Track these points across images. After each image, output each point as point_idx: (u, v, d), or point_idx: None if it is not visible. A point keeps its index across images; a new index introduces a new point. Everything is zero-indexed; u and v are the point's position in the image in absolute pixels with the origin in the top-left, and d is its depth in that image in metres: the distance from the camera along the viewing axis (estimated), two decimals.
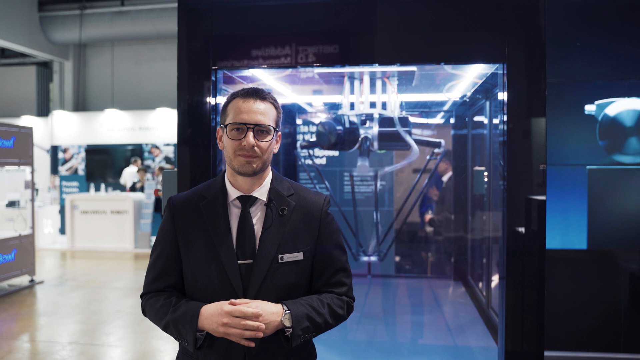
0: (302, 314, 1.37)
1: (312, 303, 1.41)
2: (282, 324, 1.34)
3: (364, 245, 3.82)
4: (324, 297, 1.44)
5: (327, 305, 1.43)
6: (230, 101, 1.44)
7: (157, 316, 1.42)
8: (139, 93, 12.49)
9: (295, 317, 1.35)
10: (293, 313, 1.36)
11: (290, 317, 1.35)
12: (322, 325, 1.41)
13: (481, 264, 4.05)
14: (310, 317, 1.38)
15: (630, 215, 3.56)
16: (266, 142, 1.41)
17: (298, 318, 1.36)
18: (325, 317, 1.41)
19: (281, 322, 1.34)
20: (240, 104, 1.41)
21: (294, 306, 1.38)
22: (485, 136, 3.75)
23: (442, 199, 4.71)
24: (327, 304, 1.43)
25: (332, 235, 1.49)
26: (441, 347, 3.39)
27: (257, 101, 1.41)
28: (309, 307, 1.39)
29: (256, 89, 1.44)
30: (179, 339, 1.40)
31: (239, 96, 1.43)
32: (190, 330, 1.35)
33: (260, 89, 1.44)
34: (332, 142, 3.14)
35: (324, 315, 1.41)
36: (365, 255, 3.71)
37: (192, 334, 1.35)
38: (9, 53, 13.17)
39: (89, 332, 4.85)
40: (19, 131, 6.66)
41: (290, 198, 1.47)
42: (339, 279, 1.48)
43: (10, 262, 6.50)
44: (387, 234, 4.00)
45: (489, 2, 2.27)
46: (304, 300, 1.41)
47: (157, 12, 10.91)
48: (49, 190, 11.42)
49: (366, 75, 3.04)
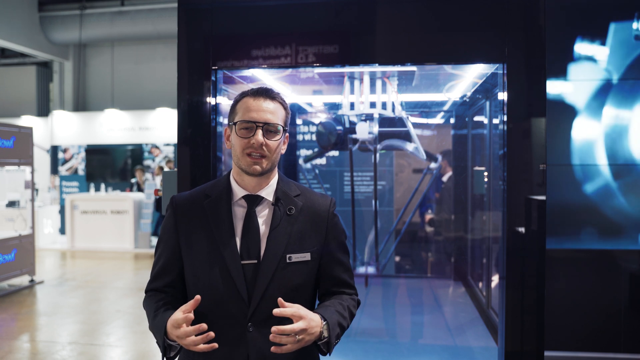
0: (335, 322, 1.38)
1: (338, 309, 1.42)
2: (322, 334, 1.34)
3: (362, 251, 3.80)
4: (344, 300, 1.46)
5: (347, 308, 1.45)
6: (240, 100, 1.44)
7: (148, 317, 1.46)
8: (139, 93, 12.48)
9: (332, 326, 1.36)
10: (330, 322, 1.36)
11: (328, 326, 1.35)
12: (345, 328, 1.43)
13: (481, 264, 4.05)
14: (341, 324, 1.40)
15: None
16: (275, 142, 1.40)
17: (334, 326, 1.36)
18: (348, 320, 1.44)
19: (321, 333, 1.34)
20: (250, 103, 1.40)
21: (328, 314, 1.38)
22: (485, 136, 3.75)
23: (442, 198, 4.71)
24: (347, 307, 1.45)
25: (339, 236, 1.50)
26: (441, 347, 3.39)
27: (267, 100, 1.41)
28: (337, 314, 1.40)
29: (266, 88, 1.44)
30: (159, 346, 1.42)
31: (248, 95, 1.43)
32: (160, 339, 1.37)
33: (270, 89, 1.44)
34: (332, 142, 3.14)
35: (347, 319, 1.43)
36: (362, 266, 3.68)
37: (162, 344, 1.37)
38: (9, 53, 13.17)
39: (89, 332, 4.85)
40: (19, 131, 6.66)
41: (297, 198, 1.46)
42: (347, 280, 1.50)
43: (10, 262, 6.50)
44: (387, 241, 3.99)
45: (489, 2, 2.27)
46: (332, 307, 1.42)
47: (157, 12, 10.91)
48: (49, 190, 11.41)
49: (366, 75, 3.04)
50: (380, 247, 3.74)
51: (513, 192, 2.23)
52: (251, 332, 1.37)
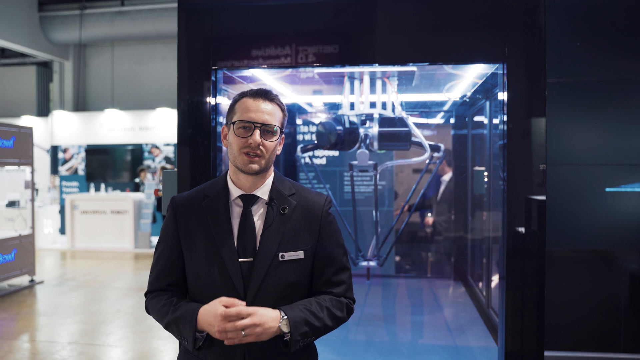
0: (300, 319, 1.37)
1: (310, 307, 1.41)
2: (280, 329, 1.34)
3: (363, 249, 3.81)
4: (322, 300, 1.44)
5: (325, 308, 1.43)
6: (238, 100, 1.46)
7: (159, 315, 1.45)
8: (139, 93, 12.49)
9: (293, 322, 1.35)
10: (291, 318, 1.36)
11: (288, 322, 1.35)
12: (321, 329, 1.41)
13: (481, 264, 4.05)
14: (309, 322, 1.38)
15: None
16: (272, 142, 1.43)
17: (296, 323, 1.36)
18: (324, 320, 1.41)
19: (279, 328, 1.34)
20: (248, 103, 1.43)
21: (292, 311, 1.38)
22: (485, 136, 3.76)
23: (443, 198, 4.71)
24: (325, 307, 1.43)
25: (333, 235, 1.50)
26: (441, 347, 3.39)
27: (265, 101, 1.44)
28: (307, 312, 1.39)
29: (265, 89, 1.46)
30: (180, 338, 1.42)
31: (247, 95, 1.45)
32: (190, 330, 1.37)
33: (269, 90, 1.47)
34: (332, 142, 3.14)
35: (322, 319, 1.41)
36: (364, 260, 3.70)
37: (192, 334, 1.36)
38: (9, 53, 13.17)
39: (89, 332, 4.85)
40: (19, 131, 6.66)
41: (291, 197, 1.48)
42: (340, 279, 1.49)
43: (10, 262, 6.50)
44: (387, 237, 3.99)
45: (489, 2, 2.27)
46: (302, 305, 1.41)
47: (157, 12, 10.91)
48: (49, 190, 11.41)
49: (366, 75, 3.04)
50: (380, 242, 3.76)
51: (513, 192, 2.23)
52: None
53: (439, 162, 3.50)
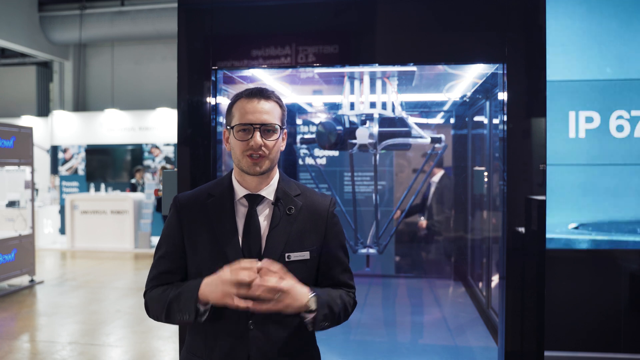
0: (324, 300, 1.38)
1: (330, 293, 1.42)
2: (307, 305, 1.34)
3: (362, 237, 3.82)
4: (337, 291, 1.46)
5: (340, 297, 1.45)
6: (235, 102, 1.44)
7: (160, 301, 1.40)
8: (139, 93, 12.49)
9: (320, 301, 1.36)
10: (319, 297, 1.36)
11: (317, 300, 1.35)
12: (336, 316, 1.42)
13: (481, 264, 4.05)
14: (330, 306, 1.39)
15: None
16: (273, 141, 1.42)
17: (322, 303, 1.37)
18: (340, 309, 1.43)
19: (306, 304, 1.34)
20: (245, 105, 1.41)
21: (319, 291, 1.39)
22: (485, 136, 3.76)
23: (433, 200, 4.70)
24: (340, 296, 1.45)
25: (338, 236, 1.51)
26: (441, 347, 3.39)
27: (261, 100, 1.42)
28: (329, 297, 1.41)
29: (260, 88, 1.45)
30: (181, 316, 1.37)
31: (243, 97, 1.43)
32: (191, 299, 1.33)
33: (264, 88, 1.45)
34: (332, 142, 3.14)
35: (339, 306, 1.43)
36: (363, 247, 3.70)
37: (193, 303, 1.33)
38: (9, 53, 13.17)
39: (89, 332, 4.85)
40: (19, 131, 6.66)
41: (297, 198, 1.47)
42: (345, 280, 1.50)
43: (10, 262, 6.50)
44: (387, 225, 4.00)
45: (489, 2, 2.27)
46: (323, 290, 1.42)
47: (157, 12, 10.91)
48: (49, 190, 11.41)
49: (366, 75, 3.04)
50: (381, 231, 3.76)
51: (513, 192, 2.23)
52: (252, 329, 1.38)
53: (440, 153, 3.51)
